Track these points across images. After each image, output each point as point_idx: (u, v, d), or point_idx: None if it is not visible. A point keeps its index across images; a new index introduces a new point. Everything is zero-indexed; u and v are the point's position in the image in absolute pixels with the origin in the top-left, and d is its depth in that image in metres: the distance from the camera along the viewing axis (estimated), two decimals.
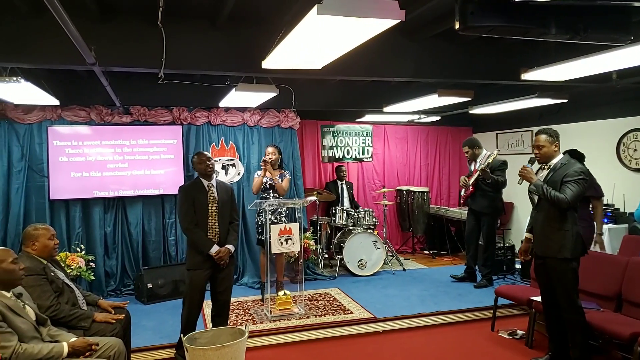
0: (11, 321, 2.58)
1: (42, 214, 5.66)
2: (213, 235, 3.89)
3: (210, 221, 3.89)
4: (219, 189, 3.98)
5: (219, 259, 3.82)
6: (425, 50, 4.45)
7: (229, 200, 4.02)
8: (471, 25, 2.36)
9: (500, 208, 6.02)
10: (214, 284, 3.97)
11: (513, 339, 4.35)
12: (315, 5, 2.07)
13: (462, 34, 2.47)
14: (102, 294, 5.66)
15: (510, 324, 4.65)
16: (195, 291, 3.87)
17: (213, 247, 3.82)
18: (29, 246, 3.29)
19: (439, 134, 8.57)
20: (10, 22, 3.48)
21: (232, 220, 4.03)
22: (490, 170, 5.88)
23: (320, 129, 7.90)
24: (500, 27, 2.42)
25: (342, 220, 6.89)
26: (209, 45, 3.94)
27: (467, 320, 4.91)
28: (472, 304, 5.23)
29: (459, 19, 2.36)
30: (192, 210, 3.85)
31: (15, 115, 5.57)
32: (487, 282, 5.99)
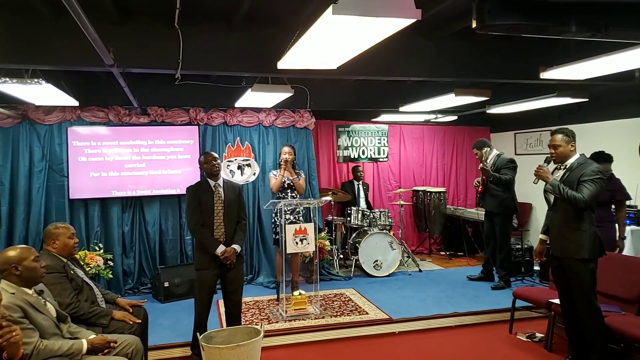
0: (33, 318, 2.63)
1: (62, 213, 5.75)
2: (219, 235, 3.91)
3: (216, 221, 3.91)
4: (225, 189, 4.00)
5: (224, 259, 3.84)
6: (442, 49, 4.41)
7: (236, 200, 4.03)
8: (489, 23, 2.33)
9: (511, 207, 5.94)
10: (224, 284, 3.99)
11: (532, 341, 4.29)
12: (331, 5, 2.07)
13: (479, 32, 2.44)
14: (120, 292, 5.73)
15: (528, 326, 4.59)
16: (204, 290, 3.90)
17: (219, 247, 3.84)
18: (49, 244, 3.35)
19: (455, 134, 8.50)
20: (31, 25, 3.54)
21: (239, 219, 4.04)
22: (497, 169, 5.85)
23: (336, 129, 7.89)
24: (519, 25, 2.39)
25: (357, 220, 6.87)
26: (225, 46, 3.96)
27: (484, 322, 4.85)
28: (489, 306, 5.17)
29: (476, 18, 2.34)
30: (198, 211, 3.89)
31: (36, 116, 5.68)
32: (505, 284, 5.92)
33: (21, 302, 2.60)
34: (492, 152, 6.09)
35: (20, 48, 3.55)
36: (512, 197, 5.92)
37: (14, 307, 2.53)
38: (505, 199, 5.88)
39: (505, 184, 5.83)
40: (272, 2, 3.56)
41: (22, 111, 5.59)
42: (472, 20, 2.36)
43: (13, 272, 2.67)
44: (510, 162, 5.92)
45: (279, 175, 5.45)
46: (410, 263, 7.06)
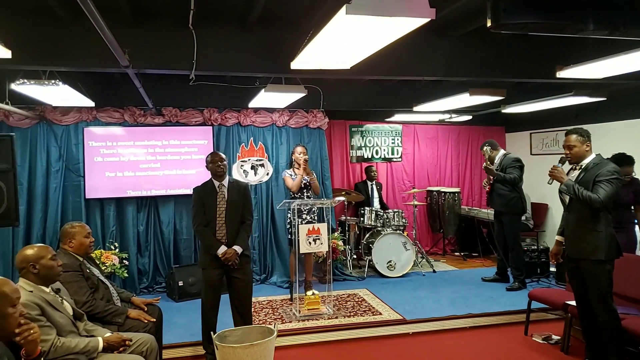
0: (50, 315, 2.67)
1: (78, 213, 5.82)
2: (221, 236, 3.94)
3: (218, 222, 3.94)
4: (229, 189, 4.01)
5: (225, 260, 3.87)
6: (456, 48, 4.38)
7: (240, 201, 4.03)
8: (504, 22, 2.30)
9: (518, 207, 5.88)
10: (230, 284, 4.02)
11: (548, 344, 4.24)
12: (344, 5, 2.06)
13: (494, 32, 2.42)
14: (135, 291, 5.78)
15: (544, 328, 4.53)
16: (208, 289, 3.95)
17: (220, 248, 3.87)
18: (66, 243, 3.40)
19: (470, 134, 8.43)
20: (50, 27, 3.60)
21: (243, 220, 4.05)
22: (503, 168, 5.83)
23: (349, 129, 7.88)
24: (535, 24, 2.35)
25: (370, 220, 6.85)
26: (239, 46, 3.98)
27: (499, 323, 4.81)
28: (504, 307, 5.11)
29: (491, 17, 2.31)
30: (201, 211, 3.93)
31: (54, 117, 5.76)
32: (520, 285, 5.86)
33: (39, 300, 2.64)
34: (499, 153, 6.05)
35: (39, 50, 3.61)
36: (519, 197, 5.87)
37: (32, 304, 2.57)
38: (512, 199, 5.84)
39: (510, 182, 5.79)
40: (286, 2, 3.57)
41: (39, 112, 5.68)
42: (486, 19, 2.33)
43: (31, 270, 2.71)
44: (515, 161, 5.88)
45: (299, 175, 5.44)
46: (424, 264, 7.03)
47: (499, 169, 5.92)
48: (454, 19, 3.91)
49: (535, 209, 7.52)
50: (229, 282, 4.01)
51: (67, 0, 3.30)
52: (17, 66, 3.76)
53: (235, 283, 3.99)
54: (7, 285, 2.02)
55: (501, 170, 5.89)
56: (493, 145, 6.12)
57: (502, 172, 5.87)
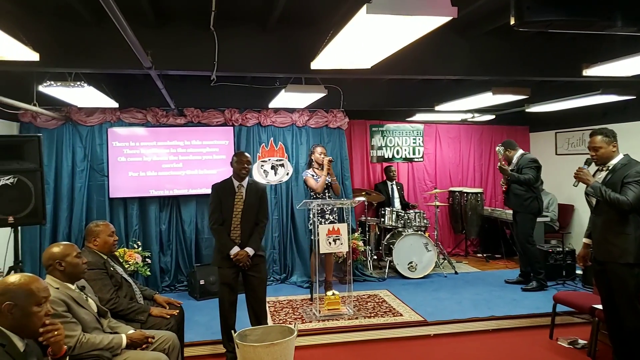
0: (75, 312, 2.72)
1: (102, 212, 5.93)
2: (235, 236, 3.96)
3: (233, 222, 3.97)
4: (248, 190, 4.03)
5: (237, 261, 3.89)
6: (479, 47, 4.32)
7: (257, 203, 4.05)
8: (528, 20, 2.25)
9: (533, 207, 5.78)
10: (245, 283, 4.04)
11: (574, 348, 4.15)
12: (365, 5, 2.05)
13: (518, 29, 2.37)
14: (158, 289, 5.85)
15: (570, 332, 4.44)
16: (224, 288, 3.98)
17: (233, 249, 3.90)
18: (90, 242, 3.46)
19: (493, 134, 8.30)
20: (75, 30, 3.67)
21: (257, 221, 4.07)
22: (519, 169, 5.78)
23: (369, 129, 7.84)
24: (560, 21, 2.30)
25: (391, 221, 6.81)
26: (259, 47, 4.00)
27: (523, 326, 4.73)
28: (528, 310, 5.02)
29: (514, 15, 2.27)
30: (219, 209, 3.96)
31: (79, 118, 5.88)
32: (538, 286, 5.77)
33: (65, 296, 2.70)
34: (517, 153, 5.97)
35: (65, 52, 3.69)
36: (535, 197, 5.78)
37: (58, 301, 2.62)
38: (528, 199, 5.75)
39: (525, 183, 5.71)
40: (306, 3, 3.57)
41: (65, 113, 5.80)
42: (510, 17, 2.29)
43: (57, 267, 2.77)
44: (532, 162, 5.80)
45: (322, 175, 5.42)
46: (446, 265, 6.95)
47: (515, 169, 5.85)
48: (476, 17, 3.85)
49: (561, 210, 7.37)
50: (245, 280, 4.03)
51: (92, 4, 3.35)
52: (44, 68, 3.85)
53: (250, 281, 4.02)
54: (35, 283, 2.05)
55: (517, 170, 5.82)
56: (511, 145, 6.05)
57: (518, 172, 5.80)
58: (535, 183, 5.75)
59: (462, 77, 4.77)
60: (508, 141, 6.18)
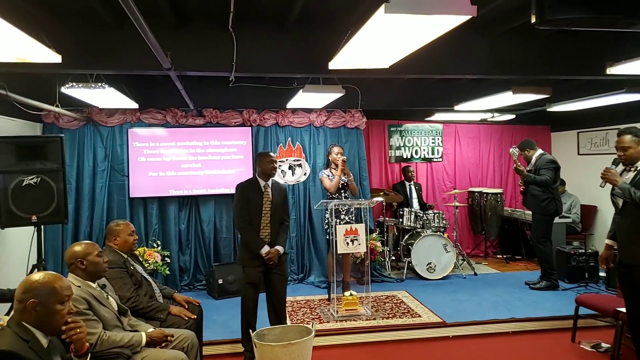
0: (97, 310, 2.76)
1: (122, 211, 6.02)
2: (265, 235, 3.97)
3: (263, 221, 3.98)
4: (273, 190, 4.05)
5: (268, 260, 3.90)
6: (499, 46, 4.27)
7: (282, 202, 4.09)
8: (549, 18, 2.22)
9: (550, 208, 5.70)
10: (267, 281, 4.05)
11: (597, 352, 4.07)
12: (383, 4, 2.04)
13: (539, 28, 2.33)
14: (177, 288, 5.91)
15: (593, 335, 4.35)
16: (248, 287, 3.98)
17: (264, 248, 3.90)
18: (111, 241, 3.51)
19: (514, 133, 8.18)
20: (96, 32, 3.73)
21: (282, 221, 4.09)
22: (537, 170, 5.71)
23: (388, 129, 7.80)
24: (583, 19, 2.26)
25: (409, 222, 6.76)
26: (277, 48, 4.02)
27: (544, 329, 4.65)
28: (549, 312, 4.93)
29: (535, 13, 2.24)
30: (246, 209, 3.96)
31: (100, 119, 5.97)
32: (548, 286, 5.72)
33: (86, 294, 2.74)
34: (536, 152, 5.89)
35: (86, 54, 3.75)
36: (553, 198, 5.69)
37: (80, 299, 2.66)
38: (545, 200, 5.67)
39: (541, 184, 5.63)
40: (324, 3, 3.56)
41: (86, 114, 5.90)
42: (531, 15, 2.26)
43: (79, 266, 2.81)
44: (550, 163, 5.71)
45: (336, 175, 5.43)
46: (465, 266, 6.88)
47: (533, 170, 5.78)
48: (496, 15, 3.80)
49: (584, 211, 7.23)
50: (267, 278, 4.04)
51: (113, 6, 3.40)
52: (66, 70, 3.92)
53: (273, 279, 4.03)
54: (58, 281, 2.09)
55: (535, 171, 5.75)
56: (529, 145, 5.97)
57: (535, 172, 5.73)
58: (552, 184, 5.66)
59: (482, 76, 4.72)
60: (527, 141, 6.10)
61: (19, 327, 1.98)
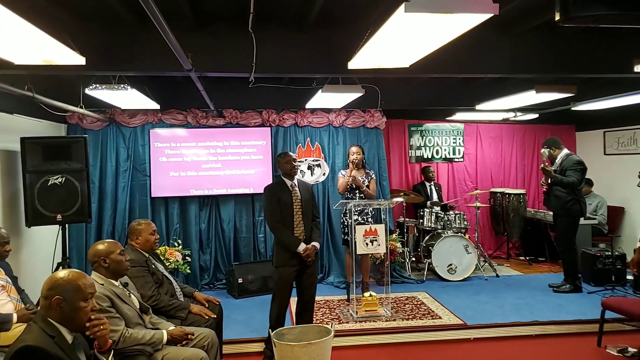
0: (119, 308, 2.80)
1: (144, 211, 6.10)
2: (299, 233, 3.99)
3: (295, 220, 3.99)
4: (301, 188, 4.08)
5: (306, 257, 3.91)
6: (522, 44, 4.19)
7: (310, 199, 4.13)
8: (574, 15, 2.17)
9: (575, 210, 5.57)
10: (299, 280, 4.05)
11: (623, 356, 3.97)
12: (403, 3, 2.02)
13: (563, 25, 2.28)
14: (197, 287, 5.96)
15: (620, 340, 4.24)
16: (285, 287, 3.98)
17: (300, 245, 3.91)
18: (133, 240, 3.56)
19: (537, 133, 8.05)
20: (118, 34, 3.79)
21: (313, 218, 4.12)
22: (563, 170, 5.58)
23: (408, 128, 7.74)
24: (609, 15, 2.20)
25: (430, 222, 6.70)
26: (297, 48, 4.02)
27: (568, 333, 4.56)
28: (574, 316, 4.83)
29: (559, 10, 2.19)
30: (277, 210, 3.97)
31: (122, 120, 6.06)
32: (572, 288, 5.61)
33: (109, 292, 2.78)
34: (561, 152, 5.76)
35: (109, 56, 3.81)
36: (577, 199, 5.56)
37: (102, 297, 2.71)
38: (569, 201, 5.54)
39: (569, 186, 5.50)
40: (343, 3, 3.55)
41: (109, 115, 5.99)
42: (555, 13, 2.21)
43: (102, 264, 2.86)
44: (577, 164, 5.57)
45: (347, 175, 5.43)
46: (487, 267, 6.79)
47: (558, 170, 5.65)
48: (519, 13, 3.74)
49: (611, 212, 7.06)
50: (300, 278, 4.05)
51: (136, 8, 3.45)
52: (90, 72, 3.99)
53: (305, 278, 4.04)
54: (82, 279, 2.13)
55: (561, 171, 5.61)
56: (555, 144, 5.83)
57: (561, 173, 5.59)
58: (578, 186, 5.54)
59: (504, 75, 4.64)
60: (553, 139, 5.95)
61: (44, 323, 2.02)
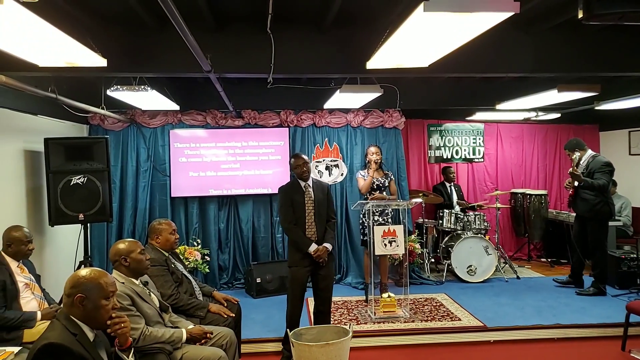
0: (139, 306, 2.84)
1: (164, 210, 6.17)
2: (311, 234, 3.99)
3: (307, 220, 3.99)
4: (315, 189, 4.07)
5: (317, 257, 3.91)
6: (543, 42, 4.12)
7: (325, 199, 4.10)
8: (598, 12, 2.13)
9: (605, 212, 5.45)
10: (315, 281, 4.05)
11: None
12: (422, 3, 2.01)
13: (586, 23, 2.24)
14: (216, 286, 6.01)
15: None
16: (297, 287, 3.98)
17: (312, 246, 3.91)
18: (153, 239, 3.60)
19: (559, 133, 7.91)
20: (139, 36, 3.84)
21: (329, 218, 4.11)
22: (590, 172, 5.47)
23: (427, 128, 7.68)
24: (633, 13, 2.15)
25: (450, 223, 6.64)
26: (315, 48, 4.02)
27: (592, 336, 4.48)
28: (598, 319, 4.74)
29: (583, 7, 2.15)
30: (291, 210, 3.99)
31: (143, 120, 6.14)
32: (596, 291, 5.50)
33: (129, 291, 2.82)
34: (586, 153, 5.64)
35: (130, 58, 3.86)
36: (606, 201, 5.44)
37: (123, 295, 2.74)
38: (597, 204, 5.42)
39: (599, 189, 5.38)
40: (361, 3, 3.54)
41: (130, 116, 6.08)
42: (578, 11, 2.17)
43: (122, 263, 2.90)
44: (605, 166, 5.45)
45: (368, 176, 5.42)
46: (507, 269, 6.70)
47: (585, 172, 5.52)
48: (540, 11, 3.68)
49: (636, 214, 6.91)
50: (315, 279, 4.06)
51: (156, 11, 3.49)
52: (111, 73, 4.04)
53: (320, 280, 4.04)
54: (104, 277, 2.17)
55: (588, 174, 5.49)
56: (579, 145, 5.70)
57: (589, 176, 5.46)
58: (608, 188, 5.42)
59: (525, 74, 4.57)
60: (577, 140, 5.81)
61: (67, 321, 2.05)
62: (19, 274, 3.41)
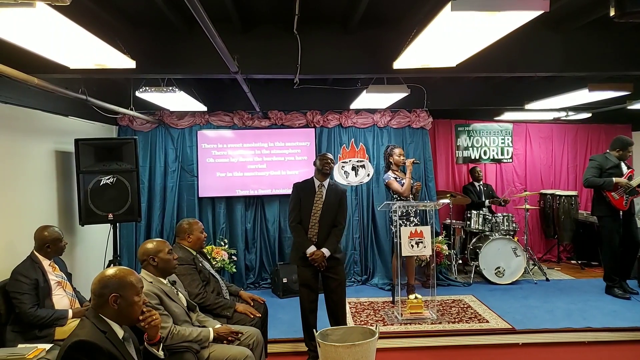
0: (167, 305, 2.89)
1: (192, 210, 6.25)
2: (312, 235, 3.98)
3: (312, 220, 3.99)
4: (328, 191, 4.05)
5: (312, 261, 3.90)
6: (574, 41, 4.03)
7: (337, 204, 4.06)
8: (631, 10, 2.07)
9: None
10: (325, 284, 4.06)
11: None
12: (450, 2, 1.99)
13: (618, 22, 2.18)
14: (243, 286, 6.07)
15: None
16: (302, 287, 4.02)
17: (309, 248, 3.91)
18: (184, 239, 3.65)
19: (589, 133, 7.72)
20: (167, 38, 3.91)
21: (336, 224, 4.06)
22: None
23: (455, 129, 7.59)
24: None
25: (477, 224, 6.55)
26: (341, 49, 4.02)
27: (624, 340, 4.36)
28: (630, 323, 4.61)
29: (615, 5, 2.09)
30: (298, 208, 4.01)
31: (171, 121, 6.25)
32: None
33: (157, 290, 2.88)
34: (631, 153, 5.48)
35: (158, 60, 3.93)
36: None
37: (151, 294, 2.80)
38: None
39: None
40: (388, 3, 3.53)
41: (158, 117, 6.19)
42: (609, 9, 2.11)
43: (151, 262, 2.96)
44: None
45: (407, 178, 5.34)
46: (536, 271, 6.57)
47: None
48: (571, 10, 3.60)
49: None
50: (323, 281, 4.06)
51: (184, 13, 3.55)
52: (140, 75, 4.12)
53: (328, 283, 4.04)
54: (132, 275, 2.22)
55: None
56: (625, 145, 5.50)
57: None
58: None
59: (555, 73, 4.46)
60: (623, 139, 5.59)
61: (96, 319, 2.11)
62: (51, 272, 3.50)
